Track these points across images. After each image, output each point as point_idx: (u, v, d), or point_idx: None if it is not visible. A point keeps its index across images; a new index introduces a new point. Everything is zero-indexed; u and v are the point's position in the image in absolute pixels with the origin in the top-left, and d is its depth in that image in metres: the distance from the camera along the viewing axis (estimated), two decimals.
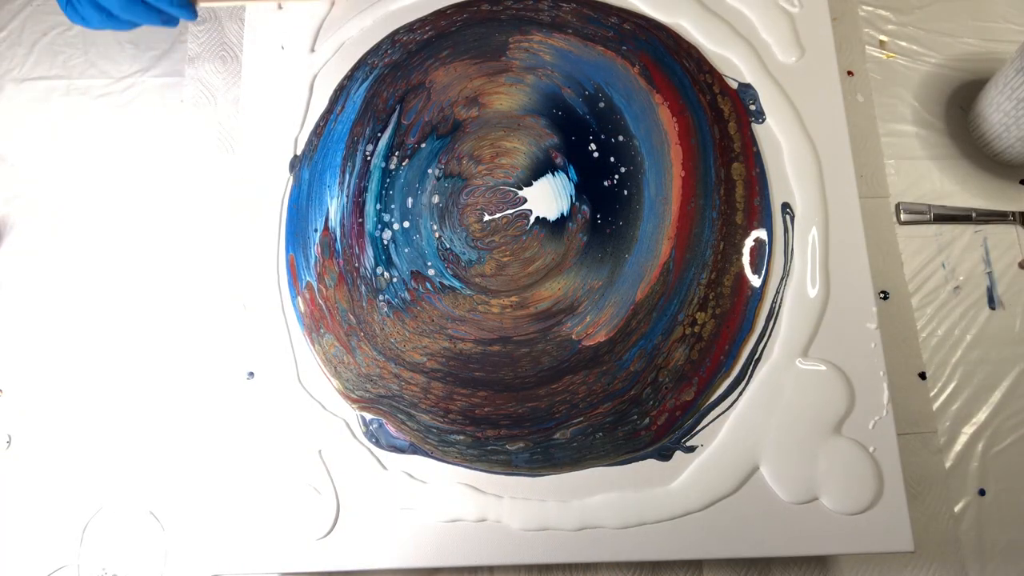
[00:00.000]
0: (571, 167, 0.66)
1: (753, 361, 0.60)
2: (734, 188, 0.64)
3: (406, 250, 0.64)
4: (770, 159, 0.65)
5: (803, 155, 0.65)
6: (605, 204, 0.65)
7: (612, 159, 0.66)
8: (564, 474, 0.58)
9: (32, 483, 0.64)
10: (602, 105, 0.68)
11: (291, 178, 0.66)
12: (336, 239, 0.65)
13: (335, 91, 0.69)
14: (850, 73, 0.74)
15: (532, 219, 0.65)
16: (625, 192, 0.65)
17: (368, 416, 0.60)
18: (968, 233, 0.70)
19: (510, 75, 0.69)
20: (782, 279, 0.62)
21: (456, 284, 0.63)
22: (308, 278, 0.64)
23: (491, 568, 0.62)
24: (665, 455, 0.58)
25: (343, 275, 0.64)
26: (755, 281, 0.62)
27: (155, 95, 0.75)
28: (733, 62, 0.68)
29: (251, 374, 0.61)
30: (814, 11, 0.69)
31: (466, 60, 0.69)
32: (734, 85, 0.68)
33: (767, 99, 0.67)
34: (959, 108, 0.74)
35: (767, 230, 0.63)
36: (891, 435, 0.58)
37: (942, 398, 0.66)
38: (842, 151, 0.65)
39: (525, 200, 0.66)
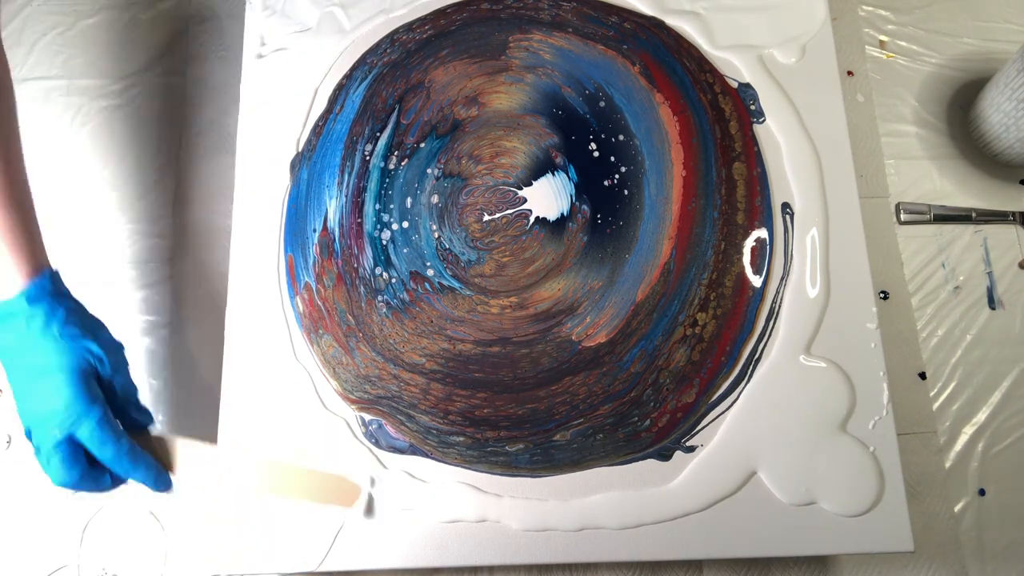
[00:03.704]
0: (571, 167, 0.66)
1: (753, 361, 0.60)
2: (735, 188, 0.64)
3: (405, 250, 0.64)
4: (770, 159, 0.65)
5: (803, 155, 0.65)
6: (605, 204, 0.65)
7: (612, 159, 0.66)
8: (564, 474, 0.58)
9: (32, 483, 0.64)
10: (602, 104, 0.68)
11: (290, 178, 0.66)
12: (335, 239, 0.65)
13: (334, 90, 0.69)
14: (850, 73, 0.74)
15: (532, 219, 0.65)
16: (625, 192, 0.65)
17: (367, 417, 0.60)
18: (968, 233, 0.70)
19: (510, 74, 0.69)
20: (782, 279, 0.62)
21: (455, 285, 0.63)
22: (306, 279, 0.64)
23: (491, 568, 0.62)
24: (665, 455, 0.58)
25: (342, 276, 0.64)
26: (756, 281, 0.62)
27: (155, 95, 0.75)
28: (733, 62, 0.68)
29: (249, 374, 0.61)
30: (814, 11, 0.69)
31: (466, 59, 0.69)
32: (734, 85, 0.67)
33: (767, 99, 0.66)
34: (959, 108, 0.74)
35: (768, 230, 0.63)
36: (891, 435, 0.58)
37: (942, 398, 0.66)
38: (842, 151, 0.65)
39: (525, 200, 0.66)
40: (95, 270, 0.70)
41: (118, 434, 0.50)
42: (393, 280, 0.63)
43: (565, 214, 0.65)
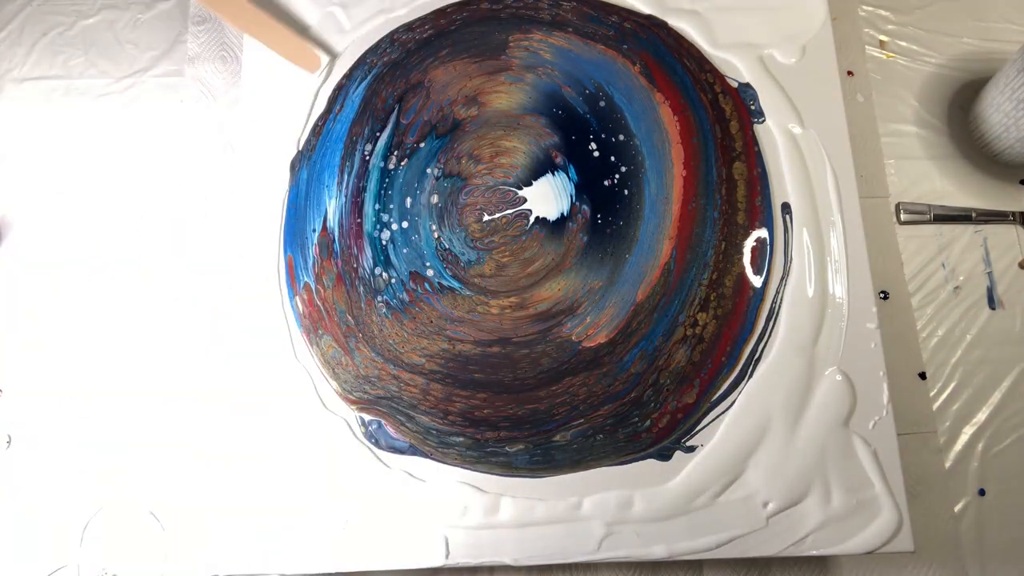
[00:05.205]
0: (571, 166, 0.66)
1: (753, 361, 0.60)
2: (735, 188, 0.64)
3: (405, 250, 0.64)
4: (770, 159, 0.65)
5: (803, 155, 0.65)
6: (605, 204, 0.65)
7: (612, 158, 0.66)
8: (564, 475, 0.58)
9: (32, 483, 0.64)
10: (602, 104, 0.67)
11: (290, 178, 0.66)
12: (334, 239, 0.65)
13: (334, 91, 0.69)
14: (850, 73, 0.74)
15: (532, 219, 0.65)
16: (626, 192, 0.65)
17: (367, 417, 0.60)
18: (968, 233, 0.70)
19: (510, 74, 0.69)
20: (782, 279, 0.62)
21: (455, 285, 0.63)
22: (306, 279, 0.64)
23: (491, 568, 0.62)
24: (665, 455, 0.58)
25: (341, 276, 0.64)
26: (756, 281, 0.62)
27: (155, 95, 0.75)
28: (733, 62, 0.68)
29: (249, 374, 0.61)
30: (814, 11, 0.69)
31: (465, 59, 0.69)
32: (734, 85, 0.67)
33: (767, 99, 0.66)
34: (959, 108, 0.74)
35: (768, 230, 0.63)
36: (891, 435, 0.58)
37: (942, 398, 0.66)
38: (842, 151, 0.65)
39: (525, 200, 0.66)
40: (95, 270, 0.70)
41: None
42: (393, 280, 0.63)
43: (565, 214, 0.65)
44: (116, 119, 0.75)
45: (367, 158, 0.67)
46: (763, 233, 0.63)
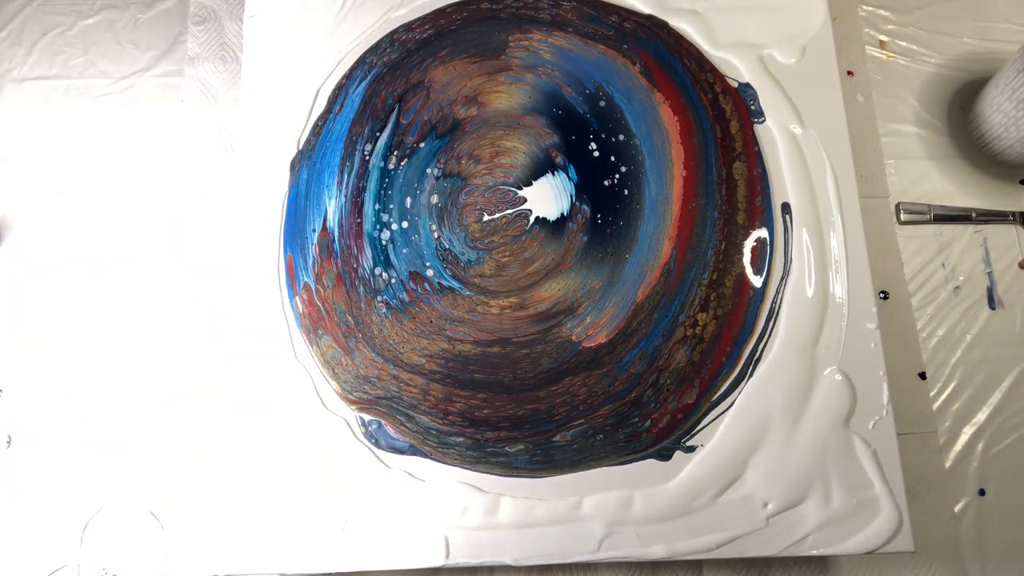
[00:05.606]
0: (571, 166, 0.66)
1: (753, 361, 0.60)
2: (736, 188, 0.64)
3: (405, 250, 0.64)
4: (770, 159, 0.65)
5: (803, 155, 0.65)
6: (605, 204, 0.65)
7: (613, 158, 0.66)
8: (564, 475, 0.58)
9: (32, 483, 0.64)
10: (603, 104, 0.67)
11: (290, 178, 0.66)
12: (334, 239, 0.65)
13: (334, 90, 0.69)
14: (850, 73, 0.74)
15: (532, 219, 0.65)
16: (626, 192, 0.65)
17: (367, 417, 0.60)
18: (968, 233, 0.70)
19: (510, 74, 0.69)
20: (782, 279, 0.62)
21: (455, 285, 0.63)
22: (306, 279, 0.64)
23: (491, 568, 0.62)
24: (665, 455, 0.58)
25: (341, 276, 0.64)
26: (756, 282, 0.62)
27: (155, 95, 0.75)
28: (733, 62, 0.68)
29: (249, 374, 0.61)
30: (814, 11, 0.69)
31: (465, 59, 0.69)
32: (734, 85, 0.67)
33: (767, 99, 0.66)
34: (959, 108, 0.74)
35: (768, 230, 0.63)
36: (891, 435, 0.58)
37: (942, 398, 0.66)
38: (842, 151, 0.65)
39: (525, 200, 0.66)
40: (95, 270, 0.70)
41: None
42: (392, 280, 0.63)
43: (565, 214, 0.65)
44: (116, 119, 0.75)
45: (367, 158, 0.67)
46: (763, 233, 0.63)
